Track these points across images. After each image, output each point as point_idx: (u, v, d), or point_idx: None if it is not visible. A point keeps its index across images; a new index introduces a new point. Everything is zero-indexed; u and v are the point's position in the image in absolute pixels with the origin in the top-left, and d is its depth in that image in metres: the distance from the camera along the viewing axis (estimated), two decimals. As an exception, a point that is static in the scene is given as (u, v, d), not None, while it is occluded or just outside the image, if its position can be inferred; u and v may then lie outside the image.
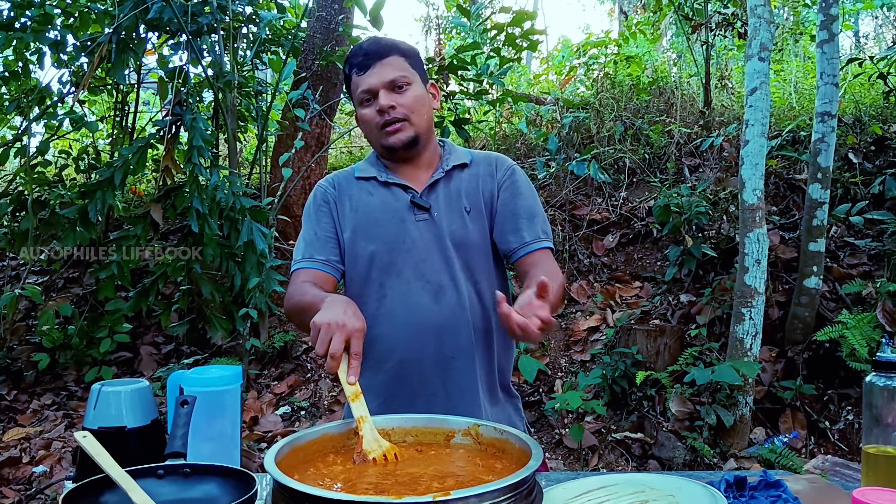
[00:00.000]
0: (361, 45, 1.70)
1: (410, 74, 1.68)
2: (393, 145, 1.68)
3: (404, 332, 1.66)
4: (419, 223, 1.68)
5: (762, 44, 3.81)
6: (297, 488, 0.97)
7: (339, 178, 1.81)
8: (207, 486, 1.22)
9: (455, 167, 1.75)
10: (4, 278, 6.35)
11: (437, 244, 1.68)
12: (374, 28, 4.24)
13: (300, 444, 1.23)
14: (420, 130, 1.70)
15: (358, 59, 1.67)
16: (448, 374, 1.66)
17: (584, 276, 5.19)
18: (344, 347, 1.30)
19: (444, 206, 1.70)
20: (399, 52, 1.69)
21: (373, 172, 1.75)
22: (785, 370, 4.10)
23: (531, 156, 5.99)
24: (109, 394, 1.53)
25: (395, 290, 1.67)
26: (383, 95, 1.65)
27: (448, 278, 1.67)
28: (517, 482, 1.00)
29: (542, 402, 4.39)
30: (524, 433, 1.27)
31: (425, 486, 1.11)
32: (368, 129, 1.72)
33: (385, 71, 1.65)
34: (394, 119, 1.65)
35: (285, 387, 4.76)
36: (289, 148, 4.79)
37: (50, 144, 5.48)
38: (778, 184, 5.10)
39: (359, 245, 1.70)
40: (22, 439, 4.44)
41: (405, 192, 1.71)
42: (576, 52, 7.31)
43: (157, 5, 4.34)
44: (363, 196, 1.74)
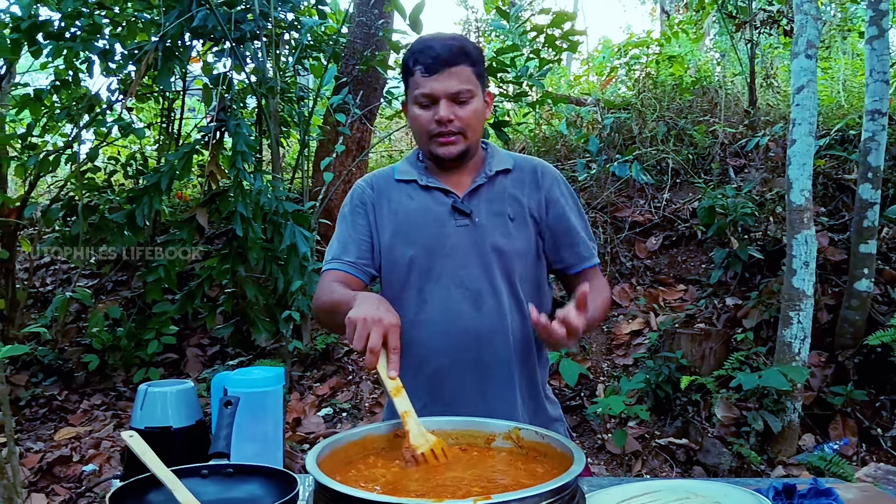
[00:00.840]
0: (432, 45, 1.61)
1: (474, 87, 1.63)
2: (443, 156, 1.65)
3: (443, 339, 1.64)
4: (459, 229, 1.66)
5: (809, 41, 3.72)
6: (339, 490, 0.97)
7: (379, 179, 1.78)
8: (250, 486, 1.23)
9: (498, 172, 1.71)
10: (56, 281, 6.53)
11: (477, 250, 1.66)
12: (414, 32, 4.26)
13: (341, 445, 1.24)
14: (471, 144, 1.67)
15: (427, 59, 1.60)
16: (486, 382, 1.65)
17: (626, 279, 5.13)
18: (382, 342, 1.30)
19: (486, 213, 1.67)
20: (468, 60, 1.62)
21: (413, 175, 1.73)
22: (835, 375, 3.99)
23: (571, 157, 5.95)
24: (156, 394, 1.55)
25: (434, 296, 1.65)
26: (444, 106, 1.60)
27: (488, 285, 1.65)
28: (559, 487, 0.99)
29: (583, 407, 4.35)
30: (566, 437, 1.26)
31: (465, 490, 1.11)
32: (419, 131, 1.67)
33: (451, 81, 1.60)
34: (449, 132, 1.62)
35: (327, 388, 4.80)
36: (330, 152, 4.83)
37: (99, 151, 5.62)
38: (826, 184, 4.98)
39: (398, 249, 1.68)
40: (72, 438, 4.55)
41: (446, 196, 1.69)
42: (617, 52, 7.25)
43: (201, 13, 4.43)
44: (403, 199, 1.71)
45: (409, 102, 1.69)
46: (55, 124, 5.56)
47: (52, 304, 4.84)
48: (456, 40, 1.64)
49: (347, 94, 4.68)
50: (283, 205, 4.40)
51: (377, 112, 6.22)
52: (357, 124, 5.41)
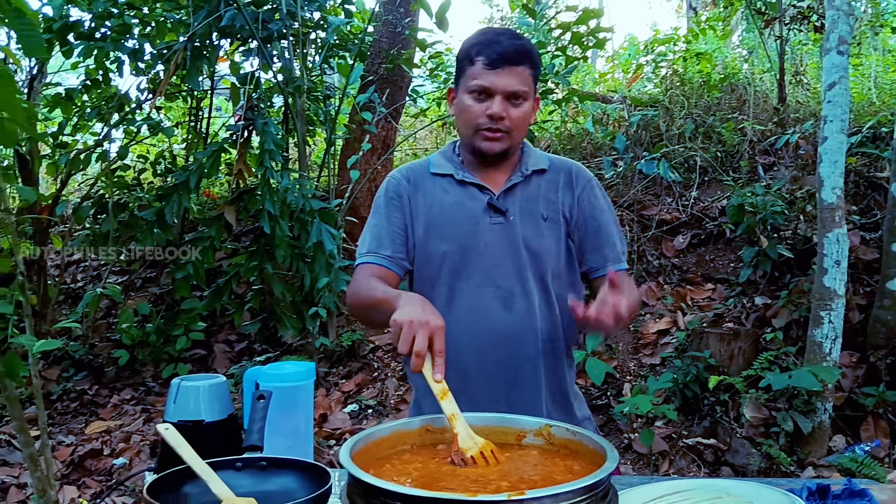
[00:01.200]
0: (500, 40, 1.59)
1: (529, 90, 1.62)
2: (485, 151, 1.64)
3: (471, 337, 1.64)
4: (494, 226, 1.65)
5: (840, 37, 3.67)
6: (373, 483, 0.98)
7: (414, 172, 1.76)
8: (283, 479, 1.24)
9: (534, 172, 1.70)
10: (86, 278, 6.63)
11: (511, 249, 1.65)
12: (440, 30, 4.27)
13: (374, 440, 1.24)
14: (514, 144, 1.67)
15: (492, 53, 1.58)
16: (513, 382, 1.65)
17: (653, 277, 5.09)
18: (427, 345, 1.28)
19: (521, 212, 1.67)
20: (530, 62, 1.61)
21: (449, 169, 1.71)
22: (866, 376, 3.93)
23: (598, 155, 5.92)
24: (188, 389, 1.57)
25: (464, 294, 1.65)
26: (499, 103, 1.59)
27: (519, 285, 1.65)
28: (593, 483, 0.99)
29: (609, 406, 4.33)
30: (597, 434, 1.25)
31: (496, 486, 1.11)
32: (465, 122, 1.65)
33: (511, 79, 1.58)
34: (497, 129, 1.61)
35: (353, 385, 4.83)
36: (356, 151, 4.86)
37: (129, 149, 5.70)
38: (858, 182, 4.90)
39: (431, 244, 1.68)
40: (103, 432, 4.63)
41: (482, 192, 1.68)
42: (643, 49, 7.19)
43: (229, 13, 4.47)
44: (438, 193, 1.70)
45: (460, 90, 1.66)
46: (86, 123, 5.64)
47: (83, 301, 4.92)
48: (522, 40, 1.64)
49: (373, 92, 4.70)
50: (310, 203, 4.43)
51: (402, 110, 6.24)
52: (382, 123, 5.43)
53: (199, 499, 1.17)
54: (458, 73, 1.68)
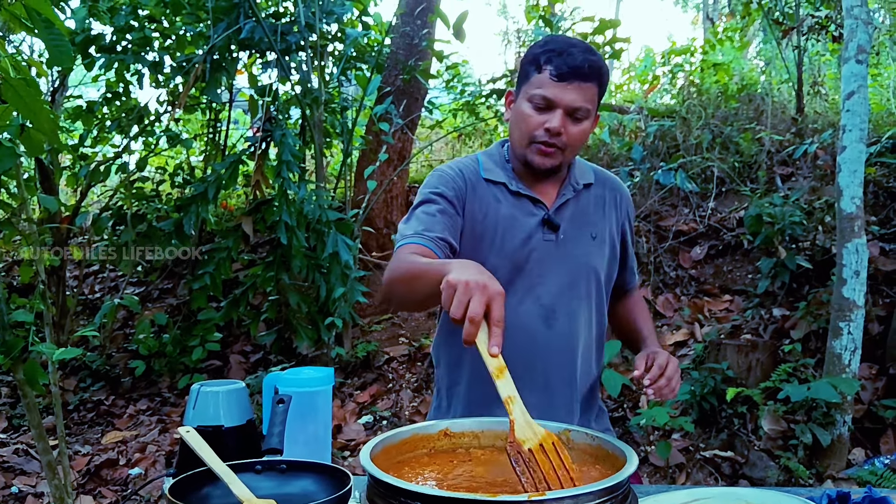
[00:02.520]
0: (573, 53, 1.52)
1: (592, 108, 1.56)
2: (537, 166, 1.58)
3: (510, 352, 1.59)
4: (546, 243, 1.61)
5: (860, 46, 3.66)
6: (394, 483, 0.98)
7: (468, 172, 1.66)
8: (304, 482, 1.24)
9: (584, 186, 1.67)
10: (104, 289, 6.69)
11: (559, 267, 1.62)
12: (458, 41, 4.29)
13: (393, 443, 1.24)
14: (566, 161, 1.61)
15: (563, 65, 1.51)
16: (548, 398, 1.62)
17: (670, 289, 5.06)
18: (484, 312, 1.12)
19: (571, 229, 1.63)
20: (599, 80, 1.55)
21: (502, 178, 1.65)
22: (886, 388, 3.89)
23: (614, 166, 5.91)
24: (208, 394, 1.57)
25: (508, 308, 1.62)
26: (559, 117, 1.52)
27: (563, 304, 1.62)
28: (613, 486, 0.98)
29: (626, 418, 4.30)
30: (620, 441, 1.25)
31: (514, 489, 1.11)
32: (522, 131, 1.57)
33: (576, 95, 1.51)
34: (553, 144, 1.54)
35: (367, 396, 4.83)
36: (372, 162, 4.88)
37: (147, 161, 5.76)
38: (877, 193, 4.86)
39: (480, 254, 1.59)
40: (119, 442, 4.65)
41: (535, 206, 1.63)
42: (660, 60, 7.19)
43: (248, 25, 4.52)
44: (491, 201, 1.63)
45: (519, 96, 1.59)
46: (106, 135, 5.71)
47: (101, 311, 4.96)
48: (596, 56, 1.56)
49: (390, 103, 4.72)
50: (327, 213, 4.45)
51: (418, 122, 6.26)
52: (399, 134, 5.46)
53: (219, 500, 1.17)
54: (521, 77, 1.60)
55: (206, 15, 4.90)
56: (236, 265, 5.78)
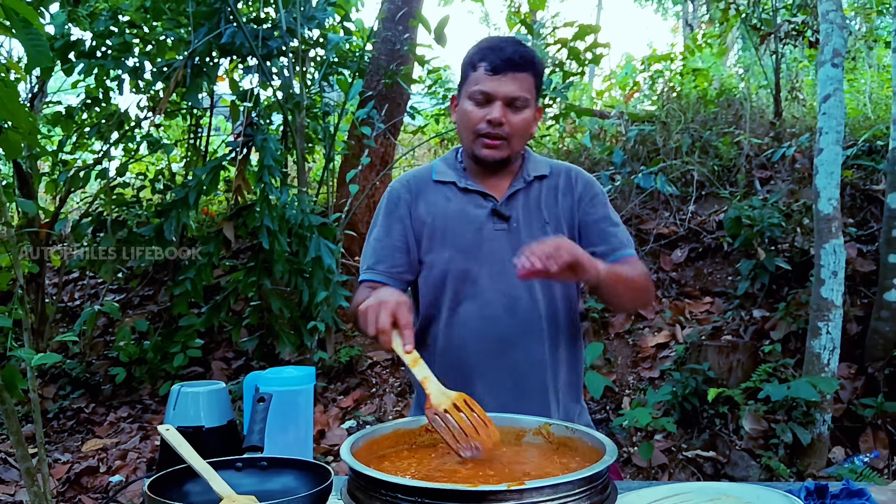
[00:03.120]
0: (504, 47, 1.61)
1: (531, 97, 1.63)
2: (484, 158, 1.65)
3: (478, 342, 1.65)
4: (497, 233, 1.66)
5: (835, 49, 3.71)
6: (375, 476, 0.98)
7: (416, 180, 1.77)
8: (284, 478, 1.24)
9: (536, 178, 1.71)
10: (84, 296, 6.63)
11: (515, 255, 1.65)
12: (439, 45, 4.31)
13: (374, 437, 1.25)
14: (514, 152, 1.67)
15: (495, 59, 1.60)
16: (520, 386, 1.65)
17: (651, 291, 5.10)
18: (392, 322, 1.31)
19: (524, 218, 1.68)
20: (533, 70, 1.63)
21: (452, 177, 1.72)
22: (865, 387, 3.93)
23: (595, 170, 5.95)
24: (188, 395, 1.57)
25: (469, 299, 1.66)
26: (499, 108, 1.59)
27: (524, 290, 1.65)
28: (592, 475, 0.99)
29: (609, 420, 4.31)
30: (596, 431, 1.26)
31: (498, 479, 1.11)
32: (465, 127, 1.66)
33: (512, 85, 1.59)
34: (497, 135, 1.61)
35: (351, 401, 4.81)
36: (355, 167, 4.88)
37: (128, 167, 5.72)
38: (854, 195, 4.93)
39: (435, 252, 1.68)
40: (99, 450, 4.60)
41: (485, 200, 1.69)
42: (640, 66, 7.26)
43: (229, 30, 4.51)
44: (440, 201, 1.71)
45: (461, 96, 1.67)
46: (85, 141, 5.67)
47: (81, 318, 4.92)
48: (526, 48, 1.65)
49: (372, 108, 4.73)
50: (309, 218, 4.44)
51: (401, 127, 6.27)
52: (381, 138, 5.46)
53: (199, 497, 1.17)
54: (461, 80, 1.69)
55: (186, 20, 4.88)
56: (218, 271, 5.74)
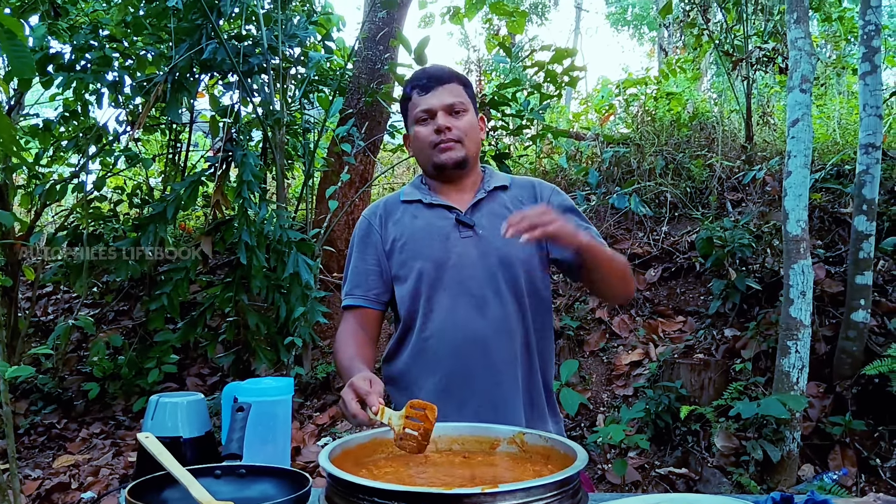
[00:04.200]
0: (425, 69, 1.83)
1: (467, 102, 1.80)
2: (444, 163, 1.77)
3: (450, 345, 1.72)
4: (464, 240, 1.76)
5: (803, 75, 3.82)
6: (353, 480, 1.01)
7: (386, 203, 1.90)
8: (263, 486, 1.26)
9: (496, 188, 1.84)
10: (58, 311, 6.55)
11: (482, 260, 1.74)
12: (419, 65, 4.36)
13: (351, 447, 1.28)
14: (470, 154, 1.80)
15: (421, 80, 1.79)
16: (494, 386, 1.71)
17: (625, 310, 5.16)
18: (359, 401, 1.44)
19: (488, 224, 1.77)
20: (459, 80, 1.81)
21: (418, 196, 1.84)
22: (833, 406, 4.01)
23: (571, 190, 6.03)
24: (167, 405, 1.58)
25: (441, 305, 1.73)
26: (441, 116, 1.75)
27: (492, 292, 1.73)
28: (563, 479, 1.03)
29: (583, 437, 4.35)
30: (569, 440, 1.29)
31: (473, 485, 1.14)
32: (421, 147, 1.80)
33: (445, 95, 1.77)
34: (448, 139, 1.76)
35: (327, 418, 4.80)
36: (334, 183, 4.91)
37: (105, 181, 5.69)
38: (823, 217, 5.05)
39: (407, 264, 1.78)
40: (71, 466, 4.55)
41: (450, 211, 1.79)
42: (616, 90, 7.38)
43: (211, 46, 4.53)
44: (408, 219, 1.82)
45: (410, 126, 1.84)
46: (62, 154, 5.64)
47: (55, 332, 4.87)
48: (448, 67, 1.86)
49: (352, 125, 4.77)
50: (287, 233, 4.46)
51: (380, 145, 6.32)
52: (361, 156, 5.50)
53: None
54: (405, 118, 1.87)
55: (167, 36, 4.90)
56: (194, 286, 5.72)
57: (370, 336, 1.83)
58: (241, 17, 4.98)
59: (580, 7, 21.47)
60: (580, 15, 22.49)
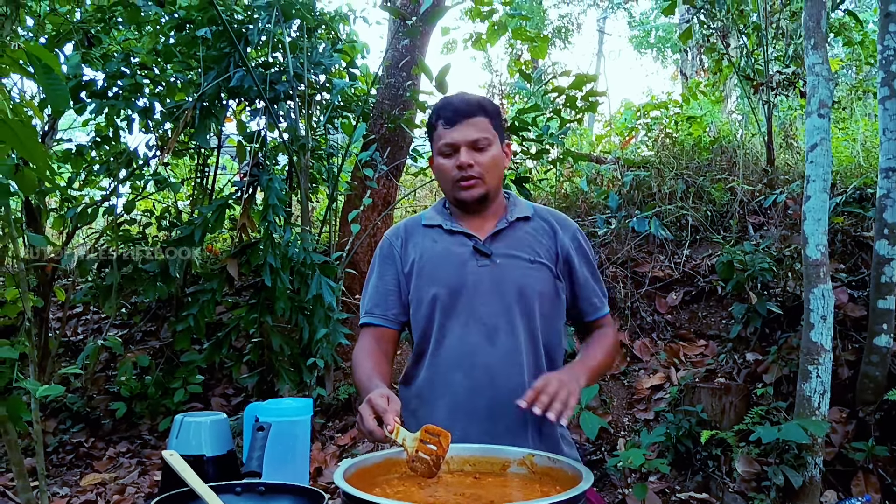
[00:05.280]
0: (451, 101, 1.82)
1: (491, 136, 1.80)
2: (465, 199, 1.80)
3: (459, 371, 1.75)
4: (480, 269, 1.79)
5: (821, 101, 3.84)
6: (367, 498, 1.05)
7: (408, 225, 1.93)
8: (281, 503, 1.31)
9: (518, 219, 1.85)
10: (87, 331, 6.69)
11: (497, 289, 1.77)
12: (440, 93, 4.44)
13: (365, 465, 1.32)
14: (491, 189, 1.82)
15: (447, 113, 1.79)
16: (500, 414, 1.73)
17: (647, 333, 5.16)
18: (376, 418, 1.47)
19: (506, 254, 1.80)
20: (485, 112, 1.80)
21: (439, 221, 1.87)
22: (856, 431, 3.97)
23: (592, 213, 6.06)
24: (191, 424, 1.64)
25: (453, 332, 1.77)
26: (464, 153, 1.76)
27: (504, 322, 1.76)
28: (570, 499, 1.06)
29: (604, 461, 4.34)
30: (577, 461, 1.33)
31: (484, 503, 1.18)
32: (444, 179, 1.83)
33: (470, 130, 1.77)
34: (469, 176, 1.77)
35: (348, 439, 4.84)
36: (357, 206, 4.99)
37: (135, 204, 5.83)
38: (845, 241, 5.02)
39: (423, 289, 1.82)
40: (98, 484, 4.63)
41: (469, 239, 1.82)
42: (637, 113, 7.42)
43: (238, 74, 4.66)
44: (428, 243, 1.86)
45: (434, 155, 1.85)
46: (94, 178, 5.79)
47: (84, 352, 4.97)
48: (473, 96, 1.83)
49: (375, 150, 4.86)
50: (311, 256, 4.54)
51: (403, 169, 6.41)
52: (384, 180, 5.58)
53: (201, 519, 1.24)
54: (430, 142, 1.88)
55: (196, 63, 5.04)
56: (220, 308, 5.81)
57: (387, 354, 1.85)
58: (267, 44, 5.11)
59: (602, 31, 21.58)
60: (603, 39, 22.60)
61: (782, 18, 6.14)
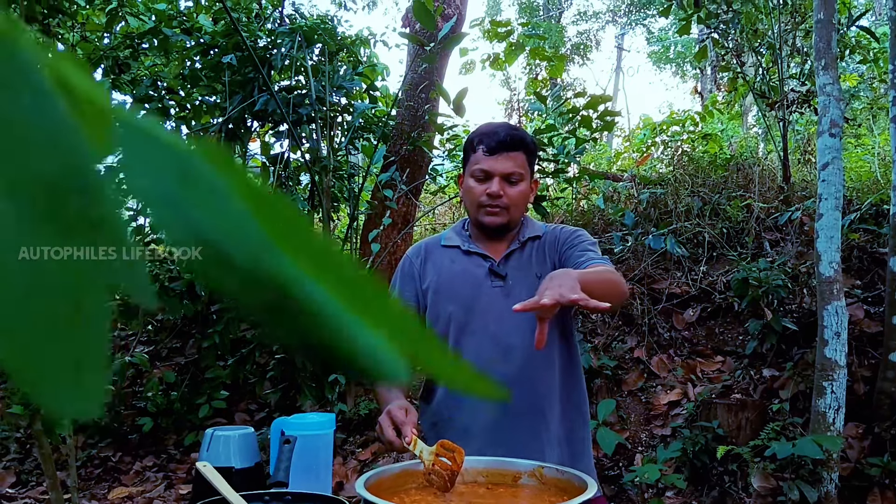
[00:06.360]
0: (498, 131, 1.87)
1: (525, 172, 1.88)
2: (488, 225, 1.90)
3: None
4: (494, 289, 1.88)
5: (832, 120, 3.90)
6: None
7: (427, 245, 2.03)
8: (306, 511, 1.41)
9: (529, 239, 1.95)
10: (115, 347, 6.85)
11: (509, 308, 1.83)
12: (457, 115, 4.55)
13: (384, 476, 1.41)
14: (513, 220, 1.92)
15: (491, 142, 1.85)
16: (514, 431, 1.80)
17: (664, 350, 5.21)
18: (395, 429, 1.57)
19: (517, 274, 1.90)
20: (525, 149, 1.88)
21: (457, 242, 1.97)
22: (872, 447, 3.99)
23: (608, 231, 6.13)
24: (220, 437, 1.75)
25: (467, 349, 1.85)
26: (497, 182, 1.85)
27: (519, 340, 1.83)
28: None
29: (621, 476, 4.39)
30: (586, 474, 1.41)
31: None
32: (470, 200, 1.92)
33: (508, 163, 1.84)
34: (497, 205, 1.86)
35: (369, 454, 4.93)
36: (377, 226, 5.11)
37: (162, 224, 5.98)
38: (861, 257, 5.05)
39: (440, 306, 1.91)
40: (125, 498, 4.75)
41: (484, 260, 1.92)
42: (655, 130, 7.49)
43: (262, 98, 4.81)
44: (446, 262, 1.96)
45: (465, 174, 1.94)
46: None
47: (112, 369, 5.11)
48: (518, 131, 1.91)
49: (395, 171, 4.98)
50: (332, 274, 4.64)
51: (422, 188, 6.52)
52: (403, 199, 5.70)
53: (232, 525, 1.34)
54: (464, 160, 1.96)
55: (222, 87, 5.20)
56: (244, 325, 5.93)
57: None
58: (290, 68, 5.26)
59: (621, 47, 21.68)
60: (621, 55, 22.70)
61: (797, 36, 6.20)
